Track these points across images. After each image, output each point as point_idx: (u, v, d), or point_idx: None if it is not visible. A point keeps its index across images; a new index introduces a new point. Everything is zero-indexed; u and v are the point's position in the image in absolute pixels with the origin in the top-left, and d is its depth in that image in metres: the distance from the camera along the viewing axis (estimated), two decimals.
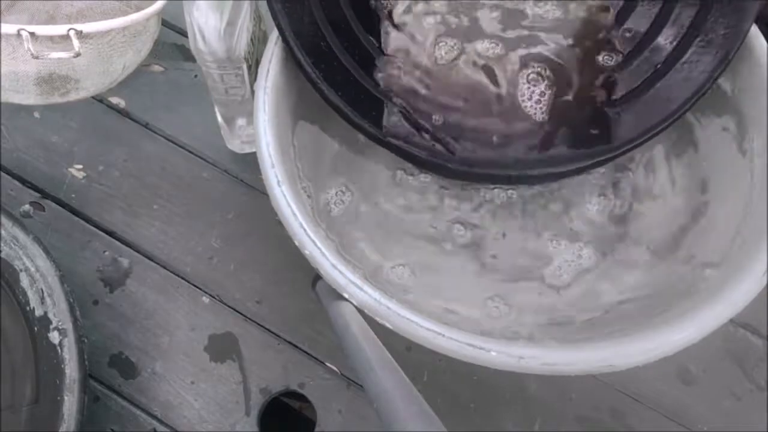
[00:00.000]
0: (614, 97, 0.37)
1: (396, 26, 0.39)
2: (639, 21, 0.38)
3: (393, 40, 0.39)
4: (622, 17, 0.38)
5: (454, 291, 0.38)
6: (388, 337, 0.29)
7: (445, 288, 0.38)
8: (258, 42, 0.40)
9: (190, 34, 0.35)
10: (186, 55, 0.53)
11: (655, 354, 0.28)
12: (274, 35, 0.36)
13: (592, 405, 0.42)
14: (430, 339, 0.28)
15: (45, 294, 0.37)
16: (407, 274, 0.39)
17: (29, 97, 0.47)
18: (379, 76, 0.38)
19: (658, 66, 0.36)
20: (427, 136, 0.37)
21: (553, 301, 0.38)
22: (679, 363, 0.43)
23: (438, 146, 0.37)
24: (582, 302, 0.37)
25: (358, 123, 0.36)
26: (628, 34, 0.38)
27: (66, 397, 0.35)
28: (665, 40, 0.36)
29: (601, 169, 0.41)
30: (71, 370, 0.36)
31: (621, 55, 0.37)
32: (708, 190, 0.37)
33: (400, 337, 0.29)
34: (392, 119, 0.37)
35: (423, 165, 0.39)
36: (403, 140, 0.36)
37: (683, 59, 0.35)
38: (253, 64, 0.39)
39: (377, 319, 0.29)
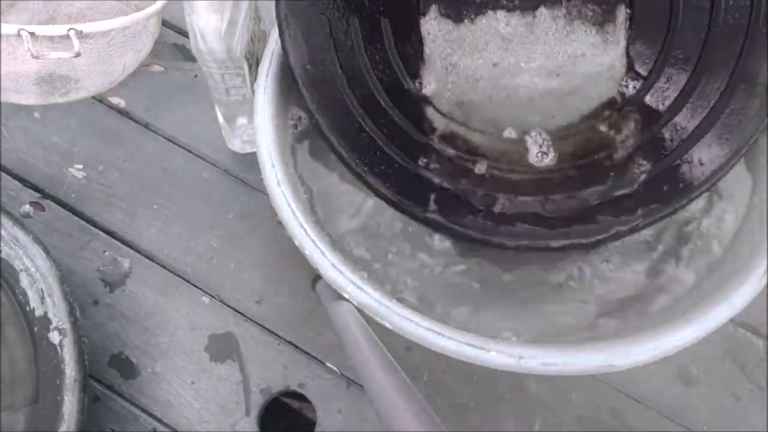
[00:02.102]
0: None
1: (438, 110, 0.38)
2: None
3: (438, 123, 0.38)
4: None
5: None
6: (388, 337, 0.29)
7: None
8: (258, 41, 0.40)
9: (190, 35, 0.35)
10: (186, 55, 0.53)
11: (655, 354, 0.28)
12: (274, 35, 0.36)
13: (592, 405, 0.42)
14: (430, 339, 0.28)
15: (45, 294, 0.37)
16: None
17: (29, 97, 0.47)
18: (424, 161, 0.36)
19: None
20: (473, 217, 0.36)
21: None
22: (679, 363, 0.43)
23: (487, 223, 0.35)
24: None
25: (407, 209, 0.35)
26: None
27: (66, 397, 0.35)
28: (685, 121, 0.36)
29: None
30: (71, 370, 0.36)
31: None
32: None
33: (400, 337, 0.29)
34: (442, 203, 0.35)
35: (464, 239, 0.36)
36: (454, 222, 0.35)
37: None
38: (254, 63, 0.39)
39: (377, 319, 0.29)
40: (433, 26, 0.38)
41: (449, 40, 0.38)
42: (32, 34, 0.39)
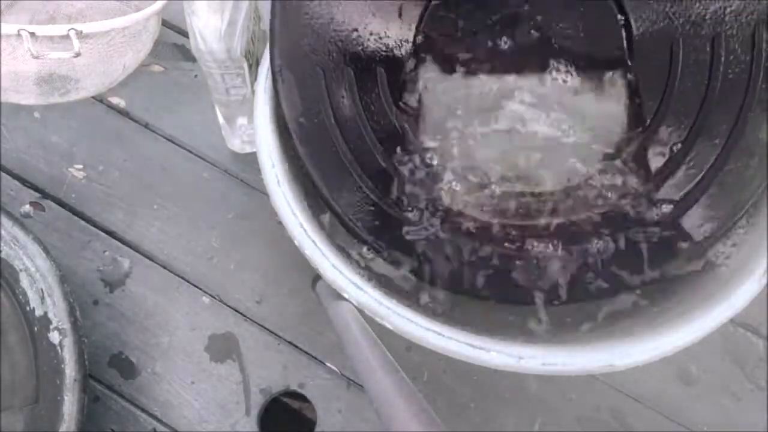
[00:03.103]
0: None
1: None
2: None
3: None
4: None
5: None
6: (388, 337, 0.29)
7: None
8: (258, 41, 0.40)
9: (190, 35, 0.35)
10: (186, 55, 0.53)
11: (655, 354, 0.28)
12: None
13: (592, 405, 0.42)
14: (430, 339, 0.28)
15: (45, 294, 0.37)
16: None
17: (29, 97, 0.47)
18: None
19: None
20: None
21: None
22: (679, 363, 0.43)
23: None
24: None
25: (399, 267, 0.33)
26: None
27: (66, 397, 0.35)
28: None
29: None
30: (71, 370, 0.36)
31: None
32: None
33: (400, 337, 0.29)
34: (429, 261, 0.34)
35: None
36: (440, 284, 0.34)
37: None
38: (254, 63, 0.39)
39: (377, 319, 0.29)
40: (429, 78, 0.38)
41: (444, 93, 0.38)
42: (32, 34, 0.39)
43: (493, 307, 0.33)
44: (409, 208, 0.35)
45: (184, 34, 0.53)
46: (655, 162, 0.35)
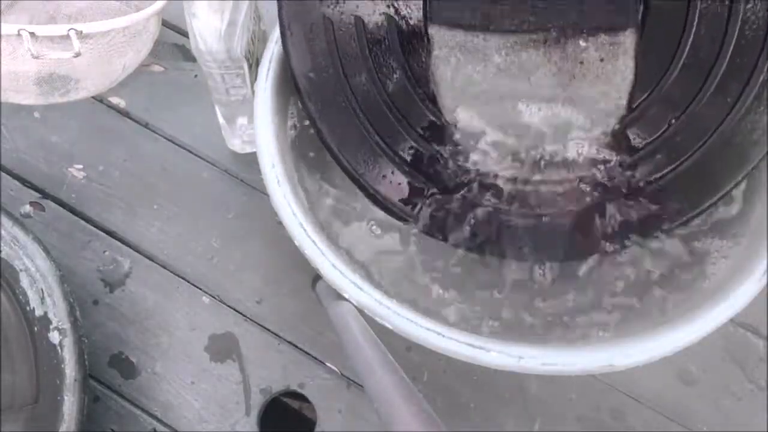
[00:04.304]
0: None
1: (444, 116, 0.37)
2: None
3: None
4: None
5: None
6: (388, 337, 0.29)
7: None
8: (258, 41, 0.40)
9: (190, 35, 0.35)
10: (186, 55, 0.53)
11: (655, 354, 0.28)
12: (274, 34, 0.36)
13: (592, 405, 0.42)
14: (430, 339, 0.28)
15: (45, 294, 0.37)
16: None
17: (29, 97, 0.47)
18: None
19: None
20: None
21: None
22: (679, 363, 0.43)
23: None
24: None
25: (406, 220, 0.35)
26: None
27: (66, 397, 0.35)
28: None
29: None
30: (71, 370, 0.36)
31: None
32: None
33: (400, 337, 0.29)
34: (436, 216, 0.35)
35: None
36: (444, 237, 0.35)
37: None
38: (254, 63, 0.39)
39: (377, 319, 0.29)
40: (440, 31, 0.37)
41: (455, 47, 0.37)
42: (32, 34, 0.39)
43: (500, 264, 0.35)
44: (417, 161, 0.36)
45: (184, 34, 0.53)
46: (660, 127, 0.35)
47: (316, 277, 0.35)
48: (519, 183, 0.36)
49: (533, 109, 0.37)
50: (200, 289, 0.45)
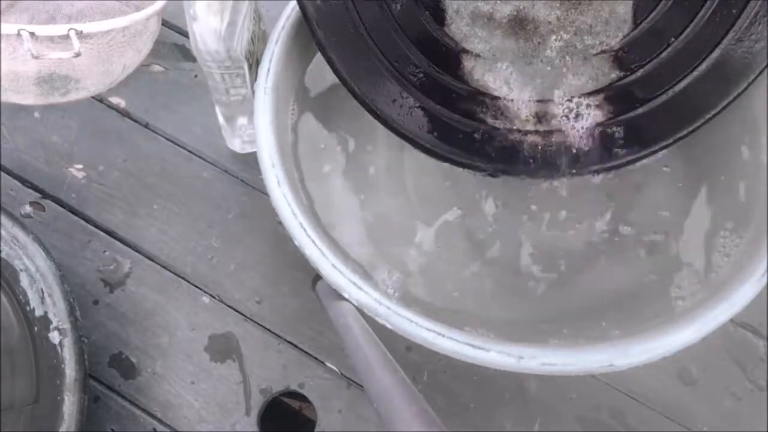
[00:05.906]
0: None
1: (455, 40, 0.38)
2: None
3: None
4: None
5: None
6: (388, 337, 0.29)
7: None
8: (258, 41, 0.40)
9: (190, 35, 0.35)
10: (186, 55, 0.53)
11: (655, 354, 0.28)
12: (274, 34, 0.36)
13: (592, 405, 0.42)
14: (430, 339, 0.28)
15: (45, 294, 0.37)
16: None
17: (29, 97, 0.47)
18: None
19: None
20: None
21: None
22: (679, 363, 0.43)
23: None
24: None
25: (418, 143, 0.36)
26: None
27: (66, 397, 0.35)
28: None
29: None
30: (71, 370, 0.36)
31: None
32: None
33: (400, 337, 0.29)
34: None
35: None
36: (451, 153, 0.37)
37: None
38: (254, 63, 0.39)
39: (377, 319, 0.29)
40: None
41: None
42: (32, 34, 0.39)
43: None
44: (426, 87, 0.37)
45: (184, 34, 0.53)
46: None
47: (316, 277, 0.35)
48: (532, 103, 0.37)
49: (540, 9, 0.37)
50: (200, 289, 0.45)
